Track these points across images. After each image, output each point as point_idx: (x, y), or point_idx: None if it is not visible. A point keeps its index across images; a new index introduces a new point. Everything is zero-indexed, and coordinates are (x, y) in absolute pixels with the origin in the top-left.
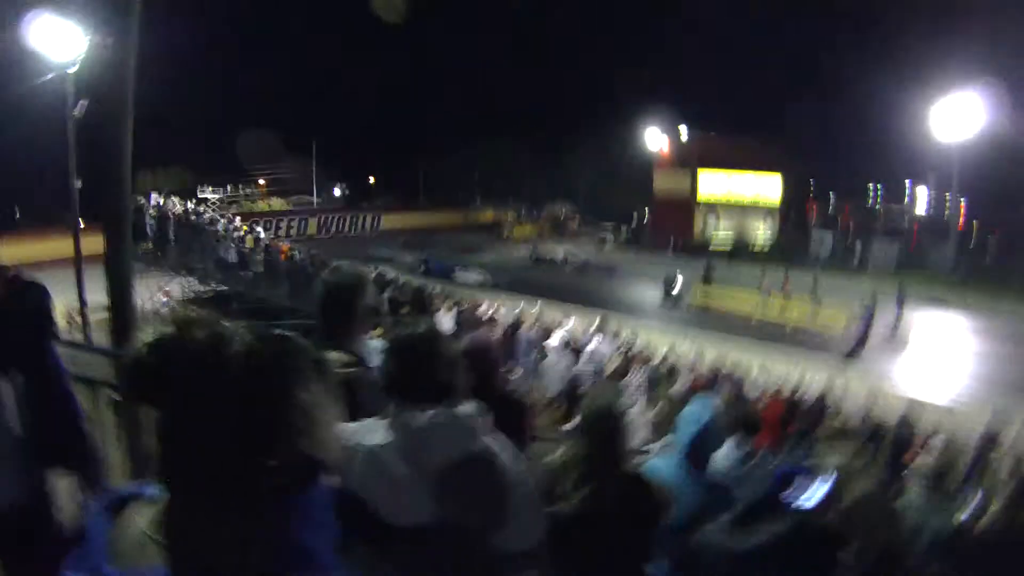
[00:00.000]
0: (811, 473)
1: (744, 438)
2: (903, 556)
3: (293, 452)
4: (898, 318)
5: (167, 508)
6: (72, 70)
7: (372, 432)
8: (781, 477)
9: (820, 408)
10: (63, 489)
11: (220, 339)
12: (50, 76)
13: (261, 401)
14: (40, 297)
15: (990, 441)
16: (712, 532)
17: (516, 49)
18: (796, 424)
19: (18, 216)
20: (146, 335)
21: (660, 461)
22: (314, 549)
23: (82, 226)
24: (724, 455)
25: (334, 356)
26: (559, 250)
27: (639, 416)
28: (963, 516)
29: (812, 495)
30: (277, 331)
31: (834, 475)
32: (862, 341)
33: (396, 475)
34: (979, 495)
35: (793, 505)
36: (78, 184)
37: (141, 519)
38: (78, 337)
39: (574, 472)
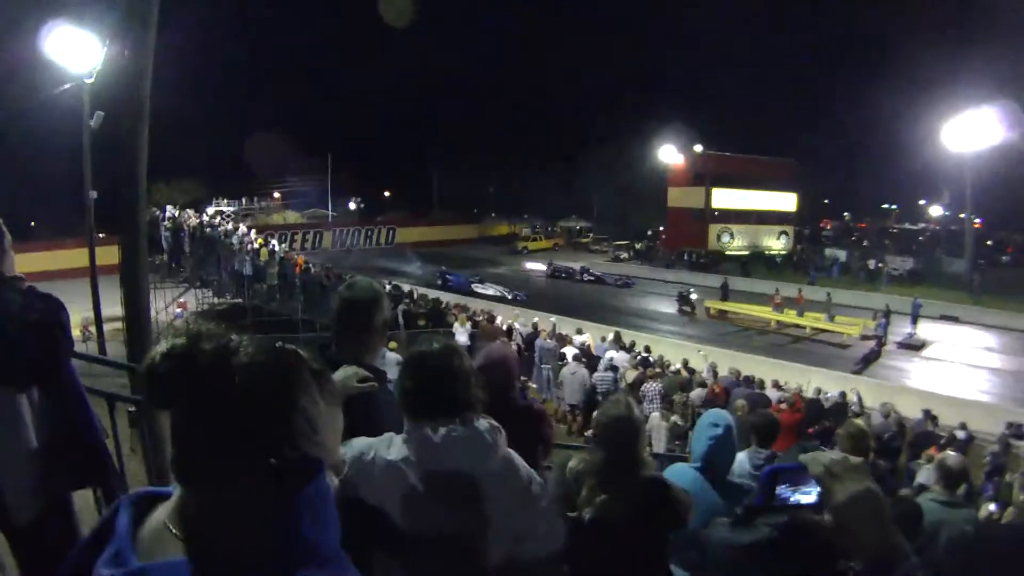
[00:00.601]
0: (802, 471)
1: (761, 445)
2: (905, 556)
3: (295, 452)
4: (912, 331)
5: (182, 503)
6: (89, 81)
7: (389, 446)
8: (770, 474)
9: (840, 409)
10: (82, 503)
11: (226, 349)
12: (67, 87)
13: (263, 406)
14: (56, 311)
15: (1013, 436)
16: (717, 527)
17: (533, 66)
18: (815, 427)
19: (32, 225)
20: (159, 346)
21: (679, 467)
22: (319, 542)
23: (101, 236)
24: (740, 462)
25: (351, 371)
26: (576, 264)
27: (656, 424)
28: (984, 514)
29: (806, 491)
30: (279, 343)
31: (823, 472)
32: (877, 351)
33: (413, 489)
34: (999, 492)
35: (790, 501)
36: (93, 195)
37: (161, 514)
38: (92, 348)
39: (592, 479)
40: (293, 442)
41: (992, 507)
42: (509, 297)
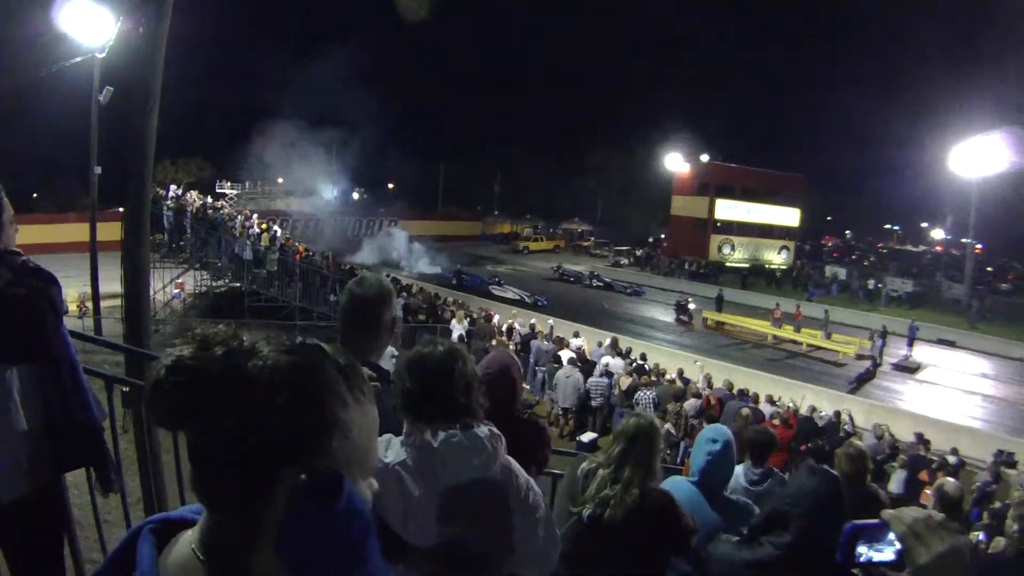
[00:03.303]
0: (882, 528)
1: (756, 460)
2: None
3: (328, 462)
4: (908, 353)
5: (208, 527)
6: (100, 55)
7: (387, 448)
8: (851, 532)
9: (833, 428)
10: (73, 483)
11: (240, 354)
12: (78, 60)
13: (287, 415)
14: (45, 286)
15: (1003, 464)
16: (722, 544)
17: (543, 66)
18: (808, 444)
19: (35, 197)
20: (163, 359)
21: (676, 480)
22: (365, 558)
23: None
24: (736, 477)
25: None
26: (584, 268)
27: None
28: (976, 539)
29: (885, 549)
30: (301, 340)
31: (906, 531)
32: (872, 371)
33: (410, 493)
34: (989, 517)
35: (864, 558)
36: (98, 171)
37: (187, 541)
38: (89, 324)
39: (602, 471)
40: (325, 450)
41: (980, 536)
42: (529, 301)
